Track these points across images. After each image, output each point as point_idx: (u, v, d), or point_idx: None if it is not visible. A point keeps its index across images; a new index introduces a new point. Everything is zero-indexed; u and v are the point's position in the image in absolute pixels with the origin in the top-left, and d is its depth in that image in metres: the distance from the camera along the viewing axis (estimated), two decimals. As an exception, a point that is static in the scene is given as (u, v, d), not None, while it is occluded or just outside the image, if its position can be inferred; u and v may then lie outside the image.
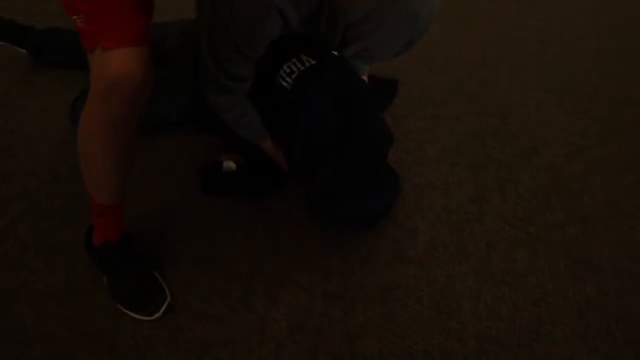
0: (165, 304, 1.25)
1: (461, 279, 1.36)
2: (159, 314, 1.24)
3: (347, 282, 1.34)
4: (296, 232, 1.43)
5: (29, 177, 1.52)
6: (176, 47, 1.64)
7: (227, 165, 1.49)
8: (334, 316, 1.28)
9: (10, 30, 1.76)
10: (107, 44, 0.96)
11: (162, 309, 1.24)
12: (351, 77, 1.39)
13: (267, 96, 1.32)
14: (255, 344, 1.22)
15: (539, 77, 1.96)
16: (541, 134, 1.75)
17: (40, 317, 1.24)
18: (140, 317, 1.24)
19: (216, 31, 1.12)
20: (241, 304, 1.29)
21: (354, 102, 1.37)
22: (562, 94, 1.89)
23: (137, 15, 0.99)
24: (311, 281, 1.34)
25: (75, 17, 0.98)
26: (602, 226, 1.49)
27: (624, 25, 2.25)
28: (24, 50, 1.78)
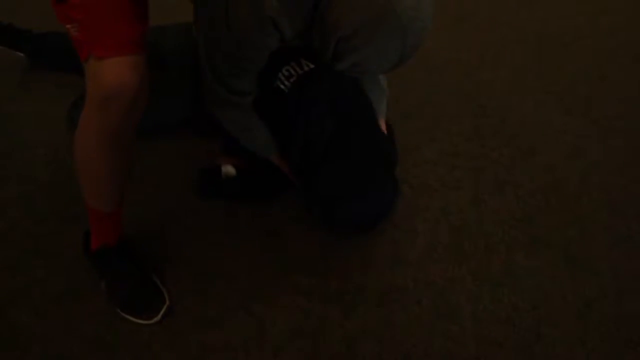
0: (163, 307, 1.24)
1: (460, 281, 1.36)
2: (157, 318, 1.24)
3: (346, 285, 1.34)
4: (295, 236, 1.43)
5: (27, 181, 1.51)
6: (175, 50, 1.64)
7: (226, 170, 1.49)
8: (333, 319, 1.28)
9: (8, 34, 1.76)
10: (101, 53, 0.95)
11: (161, 312, 1.24)
12: (349, 81, 1.39)
13: (265, 99, 1.32)
14: (254, 347, 1.22)
15: (538, 78, 1.96)
16: (540, 134, 1.74)
17: (39, 321, 1.24)
18: (138, 321, 1.24)
19: (213, 44, 1.11)
20: (240, 307, 1.28)
21: (352, 106, 1.37)
22: (561, 94, 1.90)
23: (131, 23, 0.98)
24: (310, 284, 1.33)
25: (69, 26, 0.98)
26: (601, 227, 1.49)
27: (622, 26, 2.25)
28: (22, 54, 1.78)
